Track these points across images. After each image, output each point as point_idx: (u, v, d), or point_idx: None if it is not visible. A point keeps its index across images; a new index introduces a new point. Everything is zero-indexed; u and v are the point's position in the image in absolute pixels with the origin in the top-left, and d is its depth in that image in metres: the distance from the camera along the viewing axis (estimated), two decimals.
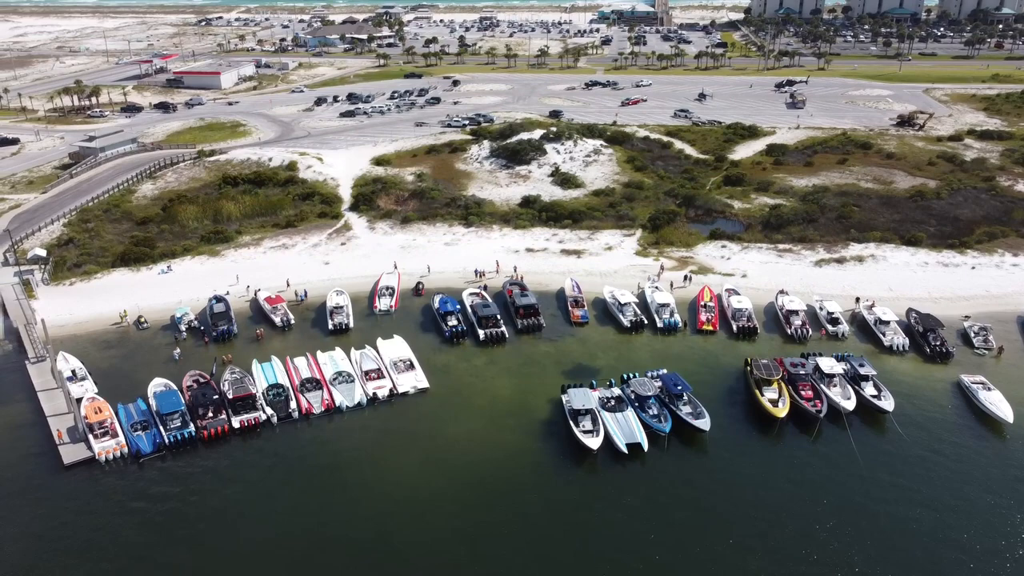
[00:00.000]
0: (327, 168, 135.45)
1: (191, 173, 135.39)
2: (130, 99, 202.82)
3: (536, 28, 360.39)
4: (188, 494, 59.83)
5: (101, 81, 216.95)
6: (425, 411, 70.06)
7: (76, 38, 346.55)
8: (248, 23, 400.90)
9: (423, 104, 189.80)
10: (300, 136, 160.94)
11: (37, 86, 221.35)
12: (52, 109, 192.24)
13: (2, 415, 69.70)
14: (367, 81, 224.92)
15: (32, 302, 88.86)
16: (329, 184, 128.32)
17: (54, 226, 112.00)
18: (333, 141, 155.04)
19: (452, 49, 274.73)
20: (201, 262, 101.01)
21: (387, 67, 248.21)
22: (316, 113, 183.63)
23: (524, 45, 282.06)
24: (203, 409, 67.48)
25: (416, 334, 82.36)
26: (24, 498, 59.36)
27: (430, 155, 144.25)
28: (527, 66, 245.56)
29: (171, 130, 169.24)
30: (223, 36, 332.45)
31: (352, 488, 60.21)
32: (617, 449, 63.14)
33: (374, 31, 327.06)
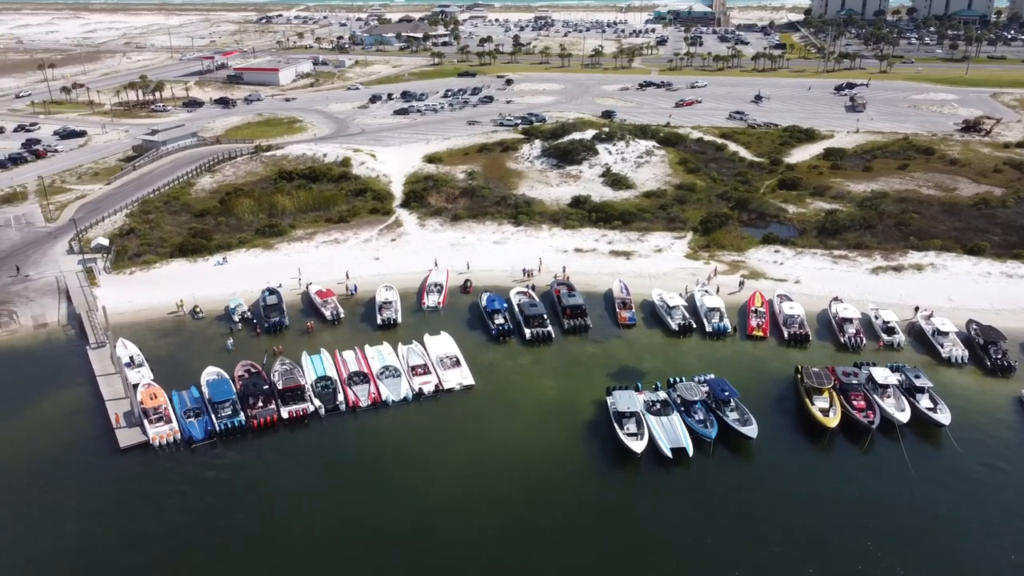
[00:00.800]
0: (380, 165, 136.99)
1: (248, 167, 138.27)
2: (192, 94, 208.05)
3: (591, 28, 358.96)
4: (237, 481, 61.21)
5: (165, 76, 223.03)
6: (470, 408, 70.38)
7: (142, 34, 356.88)
8: (307, 21, 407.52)
9: (476, 103, 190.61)
10: (354, 133, 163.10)
11: (104, 81, 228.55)
12: (118, 103, 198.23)
13: (64, 398, 72.24)
14: (421, 79, 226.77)
15: (94, 289, 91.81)
16: (381, 180, 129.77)
17: (117, 216, 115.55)
18: (386, 138, 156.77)
19: (506, 48, 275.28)
20: (255, 255, 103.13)
21: (441, 66, 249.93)
22: (371, 110, 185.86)
23: (578, 45, 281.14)
24: (253, 398, 68.93)
25: (463, 331, 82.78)
26: (82, 478, 61.42)
27: (481, 153, 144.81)
28: (581, 66, 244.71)
29: (230, 125, 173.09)
30: (282, 34, 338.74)
31: (396, 482, 60.80)
32: (661, 453, 62.53)
33: (429, 30, 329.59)
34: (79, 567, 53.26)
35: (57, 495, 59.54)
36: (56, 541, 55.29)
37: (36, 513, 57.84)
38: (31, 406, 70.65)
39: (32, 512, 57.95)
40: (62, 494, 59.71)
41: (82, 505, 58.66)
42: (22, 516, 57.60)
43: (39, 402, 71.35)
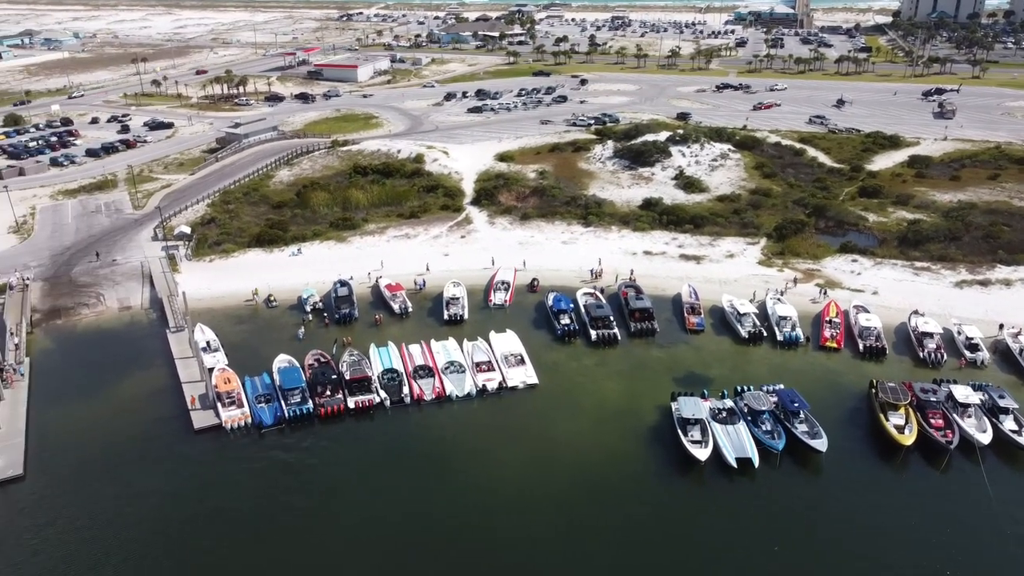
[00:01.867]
0: (452, 162, 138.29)
1: (325, 161, 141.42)
2: (274, 89, 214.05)
3: (668, 28, 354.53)
4: (303, 467, 62.72)
5: (248, 71, 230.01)
6: (533, 407, 70.43)
7: (229, 30, 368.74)
8: (386, 19, 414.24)
9: (550, 102, 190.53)
10: (428, 130, 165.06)
11: (192, 74, 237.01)
12: (204, 96, 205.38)
13: (144, 379, 75.29)
14: (496, 78, 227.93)
15: (175, 276, 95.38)
16: (453, 178, 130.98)
17: (199, 206, 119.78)
18: (459, 136, 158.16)
19: (582, 48, 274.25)
20: (329, 247, 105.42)
21: (516, 64, 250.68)
22: (445, 108, 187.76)
23: (655, 45, 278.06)
24: (322, 387, 70.49)
25: (528, 330, 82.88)
26: (159, 457, 63.91)
27: (553, 153, 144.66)
28: (657, 67, 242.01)
29: (309, 120, 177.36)
30: (362, 31, 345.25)
31: (456, 477, 61.30)
32: (726, 462, 61.35)
33: (506, 29, 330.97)
34: (153, 542, 55.40)
35: (134, 472, 62.12)
36: (131, 516, 57.64)
37: (114, 488, 60.44)
38: (114, 385, 73.92)
39: (110, 488, 60.57)
40: (139, 471, 62.26)
41: (157, 483, 61.02)
42: (101, 491, 60.27)
43: (121, 381, 74.58)
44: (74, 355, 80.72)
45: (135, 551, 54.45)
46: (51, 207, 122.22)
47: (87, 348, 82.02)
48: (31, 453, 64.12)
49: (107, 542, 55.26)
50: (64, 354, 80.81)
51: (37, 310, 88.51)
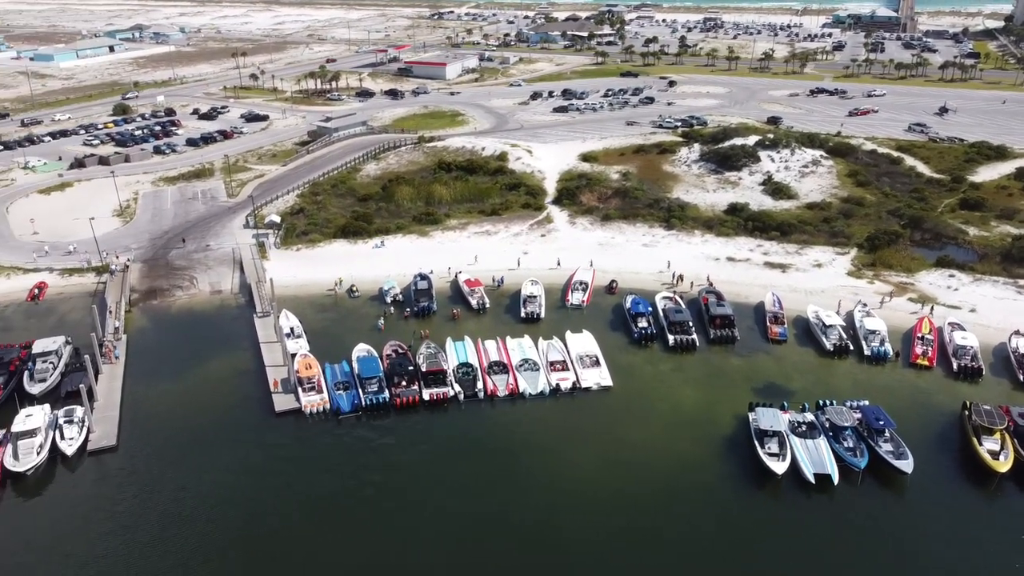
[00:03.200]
0: (535, 161, 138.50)
1: (410, 157, 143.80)
2: (364, 85, 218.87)
3: (762, 30, 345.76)
4: (378, 455, 64.01)
5: (341, 67, 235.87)
6: (606, 409, 69.91)
7: (325, 27, 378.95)
8: (476, 18, 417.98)
9: (636, 103, 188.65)
10: (513, 128, 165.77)
11: (288, 69, 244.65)
12: (298, 91, 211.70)
13: (231, 360, 78.21)
14: (583, 78, 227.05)
15: (264, 263, 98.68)
16: (536, 176, 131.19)
17: (289, 196, 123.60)
18: (544, 135, 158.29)
19: (671, 49, 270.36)
20: (411, 240, 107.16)
21: (604, 65, 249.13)
22: (531, 107, 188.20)
23: (747, 48, 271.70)
24: (398, 378, 71.74)
25: (605, 331, 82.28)
26: (241, 437, 66.32)
27: (638, 155, 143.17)
28: (748, 69, 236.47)
29: (397, 116, 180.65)
30: (452, 30, 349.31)
31: (526, 474, 61.41)
32: (804, 477, 59.51)
33: (595, 29, 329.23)
34: (232, 516, 57.53)
35: (218, 448, 64.66)
36: (213, 490, 60.01)
37: (199, 463, 63.04)
38: (202, 365, 77.06)
39: (195, 462, 63.22)
40: (223, 448, 64.76)
41: (239, 460, 63.35)
42: (187, 465, 62.96)
43: (209, 362, 77.70)
44: (167, 334, 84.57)
45: (216, 524, 56.66)
46: (152, 193, 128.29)
47: (179, 328, 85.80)
48: (124, 425, 67.55)
49: (190, 513, 57.65)
50: (158, 333, 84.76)
51: (135, 290, 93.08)
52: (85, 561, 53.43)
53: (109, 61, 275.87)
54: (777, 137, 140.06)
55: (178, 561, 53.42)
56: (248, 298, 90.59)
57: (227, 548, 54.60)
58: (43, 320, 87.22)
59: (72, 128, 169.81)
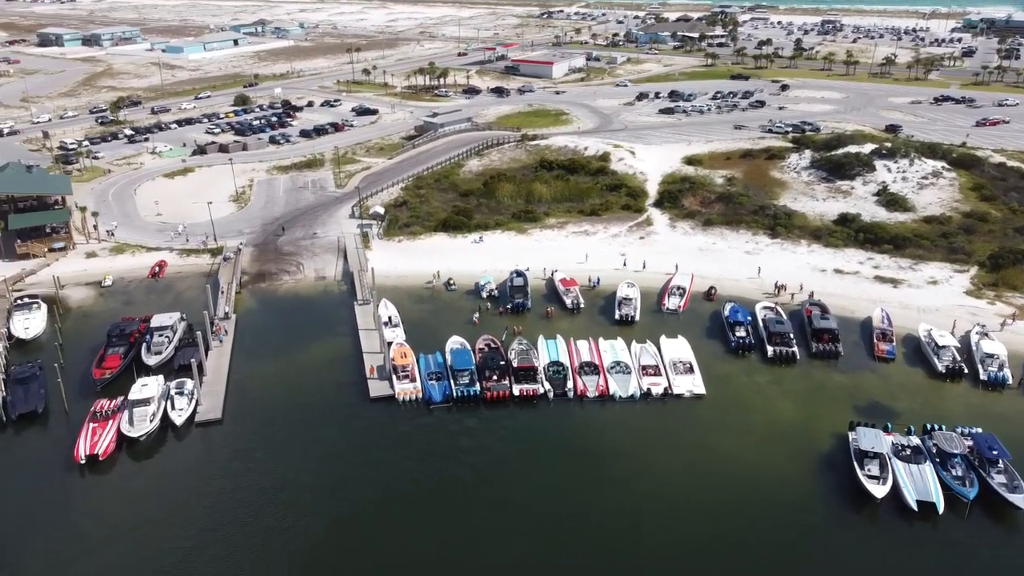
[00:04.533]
0: (638, 162, 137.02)
1: (512, 154, 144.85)
2: (471, 82, 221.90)
3: (884, 34, 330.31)
4: (467, 446, 64.90)
5: (449, 64, 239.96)
6: (698, 417, 68.58)
7: (436, 25, 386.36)
8: (586, 17, 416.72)
9: (746, 107, 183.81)
10: (617, 129, 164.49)
11: (399, 65, 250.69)
12: (407, 86, 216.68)
13: (330, 345, 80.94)
14: (691, 80, 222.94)
15: (367, 252, 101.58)
16: (637, 178, 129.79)
17: (393, 189, 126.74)
18: (648, 136, 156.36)
19: (786, 52, 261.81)
20: (509, 237, 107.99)
21: (714, 67, 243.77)
22: (636, 108, 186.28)
23: (867, 52, 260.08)
24: (490, 372, 72.48)
25: (700, 338, 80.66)
26: (336, 418, 68.56)
27: (744, 159, 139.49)
28: (868, 75, 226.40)
29: (502, 113, 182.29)
30: (561, 29, 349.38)
31: (611, 476, 60.93)
32: (905, 504, 56.66)
33: (707, 30, 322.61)
34: (324, 494, 59.55)
35: (315, 428, 67.03)
36: (308, 468, 62.26)
37: (296, 442, 65.54)
38: (304, 347, 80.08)
39: (293, 440, 65.75)
40: (319, 428, 67.09)
41: (332, 442, 65.51)
42: (285, 443, 65.58)
43: (310, 345, 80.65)
44: (273, 316, 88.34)
45: (309, 499, 58.80)
46: (266, 181, 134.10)
47: (284, 311, 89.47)
48: (230, 400, 70.99)
49: (287, 488, 60.03)
50: (265, 314, 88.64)
51: (246, 273, 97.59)
52: (186, 525, 56.46)
53: (233, 54, 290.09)
54: (895, 146, 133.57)
55: (274, 534, 55.70)
56: (350, 286, 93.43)
57: (319, 524, 56.53)
58: (162, 296, 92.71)
59: (196, 117, 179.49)
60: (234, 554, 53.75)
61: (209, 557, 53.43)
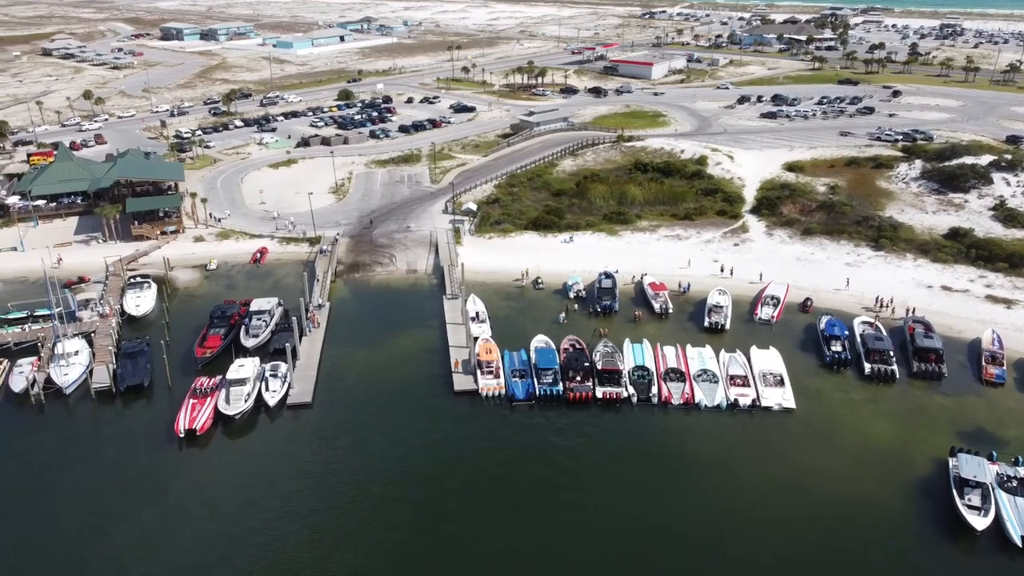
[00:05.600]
0: (736, 167, 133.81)
1: (607, 155, 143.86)
2: (569, 82, 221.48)
3: (1009, 39, 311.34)
4: (549, 445, 64.98)
5: (548, 63, 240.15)
6: (786, 431, 66.51)
7: (536, 24, 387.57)
8: (688, 18, 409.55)
9: (853, 113, 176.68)
10: (716, 132, 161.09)
11: (497, 64, 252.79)
12: (505, 84, 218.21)
13: (418, 337, 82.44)
14: (796, 83, 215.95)
15: (458, 248, 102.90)
16: (735, 183, 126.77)
17: (487, 186, 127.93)
18: (748, 141, 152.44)
19: (899, 57, 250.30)
20: (599, 238, 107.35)
21: (821, 71, 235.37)
22: (736, 111, 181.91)
23: (989, 58, 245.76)
24: (574, 372, 72.26)
25: (793, 351, 78.14)
26: (420, 409, 69.81)
27: (849, 167, 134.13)
28: (989, 82, 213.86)
29: (598, 113, 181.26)
30: (662, 30, 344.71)
31: (693, 486, 59.85)
32: (1008, 538, 53.38)
33: (814, 32, 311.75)
34: (405, 482, 60.77)
35: (399, 418, 68.47)
36: (391, 456, 63.67)
37: (381, 429, 67.14)
38: (392, 337, 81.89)
39: (378, 428, 67.39)
40: (403, 418, 68.50)
41: (417, 431, 66.75)
42: (370, 430, 67.27)
43: (398, 335, 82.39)
44: (365, 306, 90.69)
45: (390, 487, 60.16)
46: (364, 174, 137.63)
47: (376, 301, 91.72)
48: (320, 385, 73.33)
49: (370, 473, 61.65)
50: (357, 304, 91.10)
51: (341, 263, 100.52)
52: (275, 506, 58.65)
53: (339, 50, 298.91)
54: (1016, 158, 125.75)
55: (358, 522, 57.24)
56: (440, 280, 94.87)
57: (401, 514, 57.70)
58: (261, 281, 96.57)
59: (302, 110, 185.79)
60: (321, 539, 55.39)
61: (295, 540, 55.25)
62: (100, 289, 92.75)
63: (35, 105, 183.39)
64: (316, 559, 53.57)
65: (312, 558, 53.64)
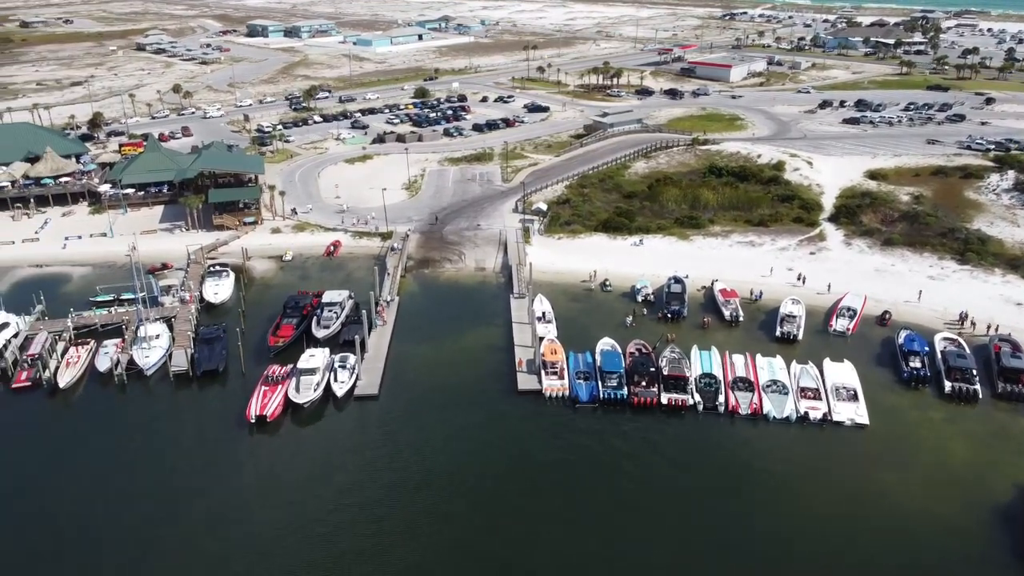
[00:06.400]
0: (815, 173, 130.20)
1: (681, 158, 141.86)
2: (645, 83, 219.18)
3: None
4: (609, 450, 64.51)
5: (624, 64, 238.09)
6: (858, 448, 64.44)
7: (613, 24, 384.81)
8: (770, 19, 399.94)
9: (942, 120, 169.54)
10: (795, 137, 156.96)
11: (573, 64, 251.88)
12: (580, 85, 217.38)
13: (484, 334, 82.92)
14: (882, 89, 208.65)
15: (526, 247, 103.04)
16: (813, 190, 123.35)
17: (557, 186, 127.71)
18: (828, 147, 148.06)
19: (994, 62, 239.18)
20: (669, 242, 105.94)
21: (909, 75, 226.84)
22: (817, 116, 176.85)
23: None
24: (639, 377, 71.52)
25: (868, 365, 75.55)
26: (483, 407, 70.22)
27: (936, 177, 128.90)
28: None
29: (673, 116, 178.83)
30: (743, 31, 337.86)
31: (756, 498, 58.55)
32: None
33: (903, 36, 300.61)
34: (465, 478, 61.22)
35: (462, 414, 69.00)
36: (454, 451, 64.24)
37: (444, 424, 67.75)
38: (458, 334, 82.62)
39: (441, 423, 68.01)
40: (466, 414, 69.01)
41: (479, 428, 67.18)
42: (434, 424, 67.97)
43: (464, 332, 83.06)
44: (433, 302, 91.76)
45: (451, 482, 60.71)
46: (437, 171, 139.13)
47: (444, 298, 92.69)
48: (387, 378, 74.50)
49: (432, 468, 62.32)
50: (425, 299, 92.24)
51: (411, 258, 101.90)
52: (339, 496, 59.85)
53: (417, 48, 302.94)
54: None
55: (417, 510, 57.97)
56: (507, 278, 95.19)
57: (463, 510, 58.16)
58: (334, 274, 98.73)
59: (379, 107, 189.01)
60: (381, 530, 56.27)
61: (358, 532, 56.20)
62: (181, 276, 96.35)
63: (128, 98, 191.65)
64: (376, 550, 54.42)
65: (372, 549, 54.51)
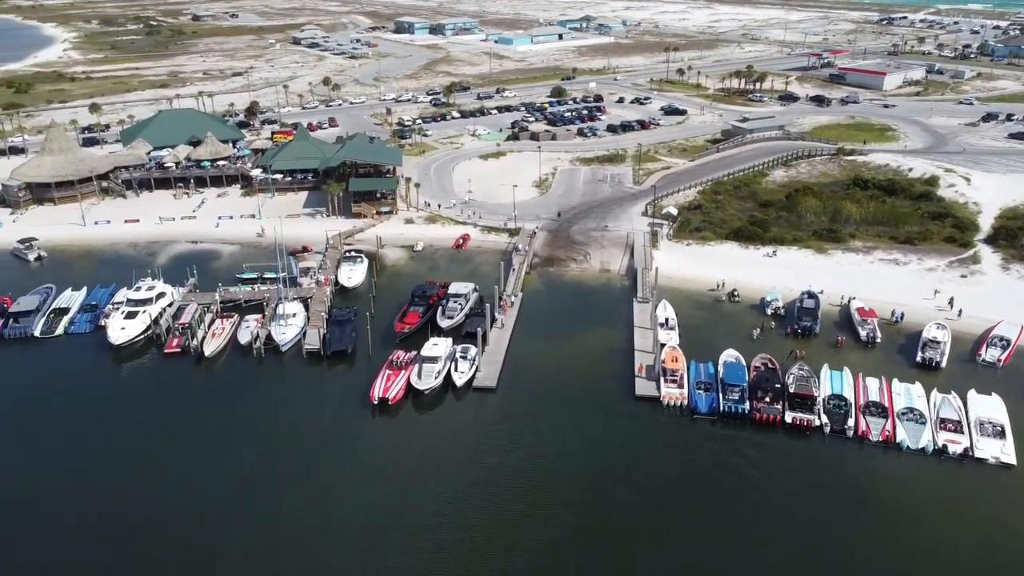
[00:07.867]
0: (972, 191, 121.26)
1: (823, 168, 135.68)
2: (789, 88, 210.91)
3: None
4: (728, 465, 62.61)
5: (768, 68, 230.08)
6: (1002, 489, 59.62)
7: (760, 27, 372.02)
8: (932, 25, 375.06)
9: None
10: (952, 151, 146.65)
11: (714, 67, 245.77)
12: (720, 88, 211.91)
13: (604, 337, 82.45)
14: None
15: (653, 251, 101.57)
16: (968, 208, 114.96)
17: (690, 191, 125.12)
18: (989, 163, 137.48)
19: None
20: (805, 255, 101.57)
21: None
22: (980, 129, 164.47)
23: None
24: (763, 392, 69.09)
25: (1020, 401, 69.59)
26: (599, 408, 69.87)
27: None
28: None
29: (818, 123, 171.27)
30: (901, 36, 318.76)
31: (879, 532, 55.20)
32: None
33: None
34: (575, 479, 61.13)
35: (578, 413, 68.90)
36: (568, 451, 64.22)
37: (560, 423, 67.83)
38: (579, 334, 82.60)
39: (557, 421, 68.15)
40: (581, 414, 68.86)
41: (594, 429, 66.82)
42: (550, 421, 68.20)
43: (585, 332, 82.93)
44: (556, 300, 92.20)
45: (564, 483, 60.78)
46: (568, 170, 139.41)
47: (567, 297, 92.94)
48: (505, 372, 75.48)
49: (545, 466, 62.61)
50: (549, 297, 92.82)
51: (537, 256, 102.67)
52: (452, 486, 61.18)
53: (556, 48, 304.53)
54: None
55: (527, 508, 58.43)
56: (632, 282, 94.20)
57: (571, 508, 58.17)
58: (461, 266, 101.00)
59: (515, 105, 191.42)
60: (489, 525, 56.93)
61: (466, 524, 57.00)
62: (320, 259, 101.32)
63: (282, 88, 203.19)
64: (482, 544, 55.11)
65: (479, 543, 55.23)
